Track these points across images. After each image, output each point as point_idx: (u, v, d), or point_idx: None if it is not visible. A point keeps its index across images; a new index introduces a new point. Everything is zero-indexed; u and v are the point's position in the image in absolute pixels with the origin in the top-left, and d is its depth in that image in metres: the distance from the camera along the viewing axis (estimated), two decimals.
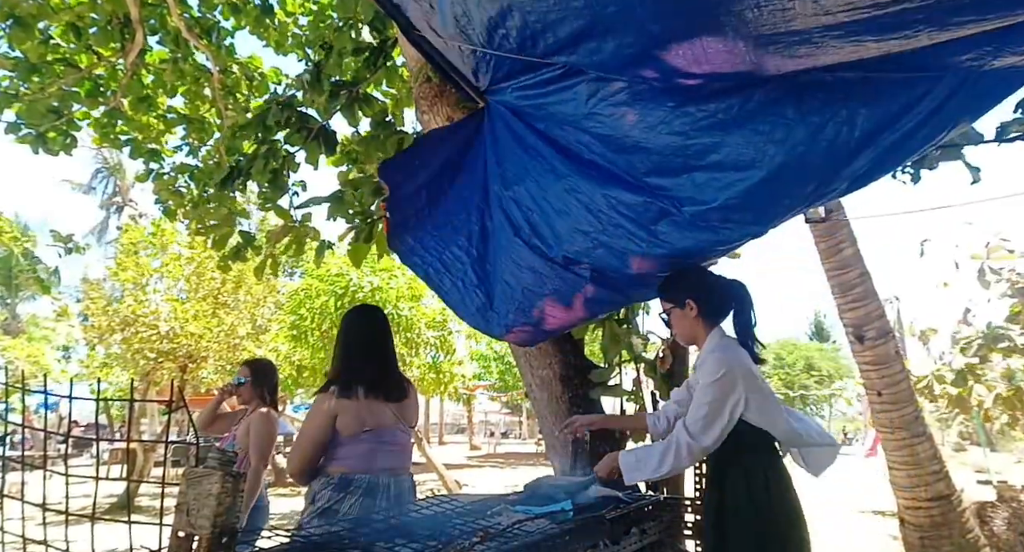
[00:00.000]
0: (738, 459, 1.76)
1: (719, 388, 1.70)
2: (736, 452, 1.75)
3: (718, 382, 1.70)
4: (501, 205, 2.05)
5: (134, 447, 9.19)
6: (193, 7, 4.22)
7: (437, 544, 1.19)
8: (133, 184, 28.31)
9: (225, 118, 4.38)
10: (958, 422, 15.02)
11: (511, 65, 1.66)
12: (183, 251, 10.29)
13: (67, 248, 5.46)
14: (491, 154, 2.08)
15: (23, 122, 4.05)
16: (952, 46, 1.11)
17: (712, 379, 1.71)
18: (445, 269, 2.30)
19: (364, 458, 2.15)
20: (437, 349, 11.44)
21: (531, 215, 1.95)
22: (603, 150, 1.65)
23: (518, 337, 2.37)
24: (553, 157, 1.79)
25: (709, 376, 1.73)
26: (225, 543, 0.90)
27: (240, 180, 3.72)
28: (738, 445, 1.73)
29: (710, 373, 1.73)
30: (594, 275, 1.96)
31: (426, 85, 2.55)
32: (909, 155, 1.41)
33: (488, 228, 2.18)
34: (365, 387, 2.21)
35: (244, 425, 3.04)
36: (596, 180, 1.71)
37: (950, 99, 1.25)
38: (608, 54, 1.32)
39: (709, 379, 1.72)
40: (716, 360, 1.75)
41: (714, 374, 1.71)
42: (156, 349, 9.83)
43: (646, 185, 1.63)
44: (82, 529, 1.30)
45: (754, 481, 1.73)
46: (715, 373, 1.71)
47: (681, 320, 1.89)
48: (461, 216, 2.23)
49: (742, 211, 1.54)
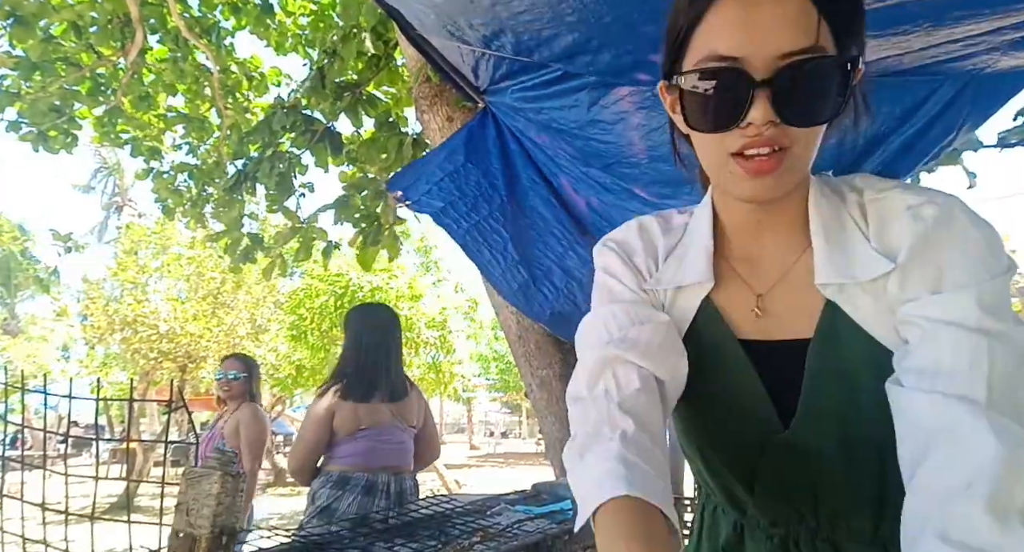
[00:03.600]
0: None
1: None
2: None
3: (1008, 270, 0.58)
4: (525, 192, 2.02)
5: (134, 447, 9.19)
6: (193, 7, 4.22)
7: (437, 544, 1.19)
8: (133, 184, 28.35)
9: (225, 117, 4.37)
10: None
11: (510, 65, 1.66)
12: (183, 251, 10.29)
13: (66, 247, 5.45)
14: (496, 160, 2.06)
15: (24, 120, 4.06)
16: (956, 49, 1.11)
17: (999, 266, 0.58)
18: (483, 239, 2.12)
19: (362, 456, 2.16)
20: (437, 349, 11.44)
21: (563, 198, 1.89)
22: (604, 157, 1.65)
23: (556, 323, 2.26)
24: (547, 161, 1.79)
25: (991, 260, 0.57)
26: (225, 543, 0.90)
27: (248, 184, 3.74)
28: None
29: (983, 249, 0.58)
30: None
31: (426, 85, 2.55)
32: (920, 158, 1.40)
33: (522, 207, 2.08)
34: (363, 386, 2.21)
35: (233, 423, 2.93)
36: (597, 190, 1.71)
37: (954, 102, 1.25)
38: (605, 63, 1.33)
39: (994, 268, 0.57)
40: (963, 215, 0.60)
41: (997, 253, 0.58)
42: (156, 349, 9.84)
43: (652, 195, 1.63)
44: (82, 529, 1.30)
45: None
46: (996, 251, 0.58)
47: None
48: (490, 192, 2.09)
49: None
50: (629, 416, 0.59)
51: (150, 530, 1.14)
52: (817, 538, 0.67)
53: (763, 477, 0.69)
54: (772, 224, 0.69)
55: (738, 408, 0.69)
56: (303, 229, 3.63)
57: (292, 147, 3.59)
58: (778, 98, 0.54)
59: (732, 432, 0.70)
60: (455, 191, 2.06)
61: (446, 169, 2.07)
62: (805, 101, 0.55)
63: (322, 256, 3.78)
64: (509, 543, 1.20)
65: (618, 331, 0.68)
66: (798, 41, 0.53)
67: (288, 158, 3.57)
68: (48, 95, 3.98)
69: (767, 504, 0.70)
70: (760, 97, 0.54)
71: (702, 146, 0.64)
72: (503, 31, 1.34)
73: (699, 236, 0.73)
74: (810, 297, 0.65)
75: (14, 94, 3.98)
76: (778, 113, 0.55)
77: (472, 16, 1.34)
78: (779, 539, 0.69)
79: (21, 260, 20.19)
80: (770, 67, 0.54)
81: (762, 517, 0.70)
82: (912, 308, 0.58)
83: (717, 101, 0.57)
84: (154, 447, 9.26)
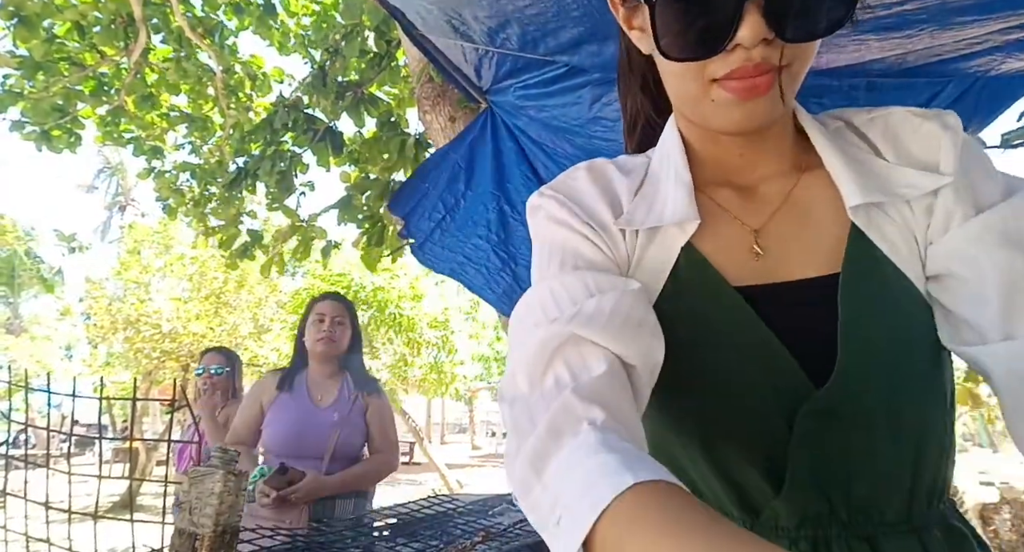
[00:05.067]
0: None
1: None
2: None
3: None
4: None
5: (137, 446, 9.21)
6: (196, 7, 4.23)
7: (439, 544, 1.19)
8: (136, 183, 28.43)
9: (227, 117, 4.39)
10: (961, 423, 14.99)
11: (513, 63, 1.66)
12: (187, 250, 10.32)
13: (70, 247, 5.47)
14: (492, 156, 2.07)
15: (28, 120, 4.07)
16: (961, 47, 1.10)
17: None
18: (468, 260, 2.23)
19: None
20: (439, 349, 11.45)
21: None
22: (606, 154, 1.64)
23: None
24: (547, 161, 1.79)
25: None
26: (227, 542, 0.90)
27: (248, 182, 3.75)
28: None
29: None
30: None
31: (428, 85, 2.55)
32: None
33: (506, 211, 2.14)
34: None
35: (223, 420, 2.79)
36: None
37: (958, 103, 1.25)
38: (610, 57, 1.32)
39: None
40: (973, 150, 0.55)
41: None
42: (159, 348, 9.86)
43: None
44: (85, 527, 1.30)
45: None
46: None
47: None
48: (479, 208, 2.18)
49: None
50: (595, 405, 0.42)
51: (153, 529, 1.14)
52: (850, 535, 0.51)
53: (795, 461, 0.51)
54: (757, 155, 0.58)
55: (748, 375, 0.52)
56: (302, 228, 3.63)
57: (293, 146, 3.60)
58: (772, 9, 0.44)
59: (745, 410, 0.53)
60: (455, 230, 2.15)
61: (439, 186, 2.13)
62: (804, 9, 0.45)
63: (321, 255, 3.78)
64: (511, 543, 1.20)
65: (570, 305, 0.50)
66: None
67: (289, 157, 3.58)
68: (51, 95, 4.00)
69: (795, 498, 0.52)
70: (751, 10, 0.44)
71: (674, 75, 0.52)
72: (508, 24, 1.34)
73: (671, 169, 0.58)
74: (824, 227, 0.55)
75: (17, 94, 4.00)
76: (772, 27, 0.45)
77: (477, 9, 1.34)
78: (808, 543, 0.51)
79: (25, 260, 20.26)
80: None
81: (785, 518, 0.52)
82: (961, 234, 0.50)
83: (697, 18, 0.45)
84: (157, 446, 9.28)
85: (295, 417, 2.00)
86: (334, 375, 2.14)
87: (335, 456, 1.97)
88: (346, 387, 2.12)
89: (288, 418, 1.99)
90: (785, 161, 0.58)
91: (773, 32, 0.45)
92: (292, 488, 1.77)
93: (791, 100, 0.51)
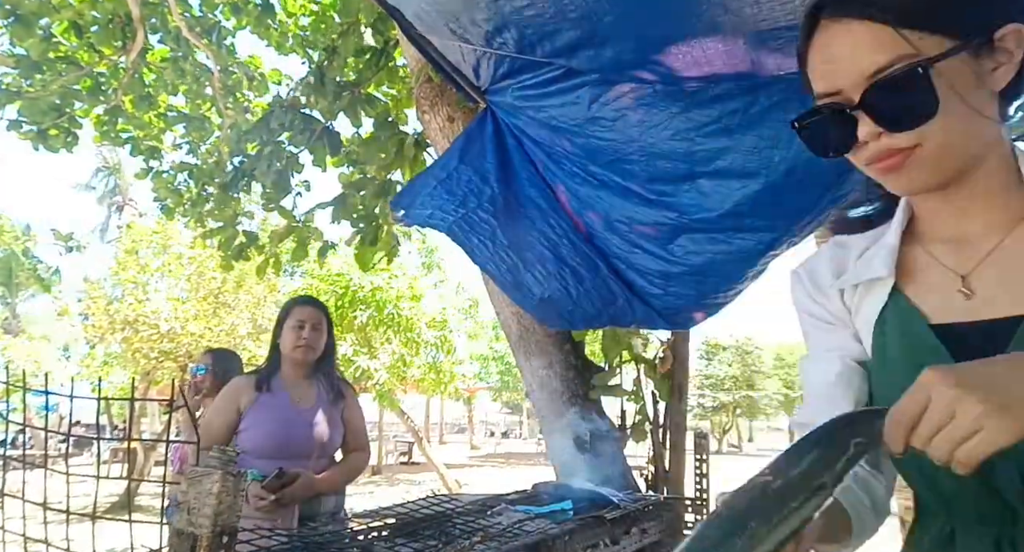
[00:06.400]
0: None
1: None
2: None
3: None
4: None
5: (135, 446, 9.20)
6: (194, 7, 4.23)
7: (438, 544, 1.19)
8: (133, 183, 28.35)
9: (225, 117, 4.38)
10: None
11: (511, 63, 1.66)
12: (184, 250, 10.30)
13: (68, 247, 5.46)
14: (491, 156, 2.06)
15: (25, 119, 4.06)
16: None
17: None
18: (470, 227, 2.12)
19: None
20: (437, 349, 11.44)
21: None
22: (604, 154, 1.65)
23: (542, 309, 2.25)
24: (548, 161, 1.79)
25: None
26: (226, 542, 0.90)
27: (244, 182, 3.74)
28: None
29: None
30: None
31: (427, 85, 2.55)
32: None
33: (512, 207, 2.07)
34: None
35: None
36: (607, 189, 1.71)
37: None
38: (607, 59, 1.33)
39: None
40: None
41: None
42: (157, 348, 9.84)
43: (650, 192, 1.63)
44: (83, 528, 1.30)
45: None
46: None
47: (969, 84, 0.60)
48: (480, 186, 2.06)
49: (751, 218, 1.53)
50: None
51: (151, 529, 1.14)
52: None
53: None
54: (973, 205, 0.68)
55: None
56: (298, 228, 3.63)
57: (290, 146, 3.59)
58: (874, 113, 0.61)
59: None
60: (444, 194, 2.07)
61: (439, 177, 2.08)
62: (898, 109, 0.60)
63: (318, 256, 3.78)
64: (510, 543, 1.20)
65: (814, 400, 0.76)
66: (876, 61, 0.59)
67: (286, 156, 3.58)
68: (48, 94, 3.99)
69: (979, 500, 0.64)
70: (862, 117, 0.62)
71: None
72: (506, 27, 1.34)
73: (889, 233, 0.74)
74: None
75: (14, 93, 3.99)
76: (880, 125, 0.61)
77: (475, 12, 1.34)
78: (991, 540, 0.63)
79: (23, 260, 20.22)
80: (860, 90, 0.61)
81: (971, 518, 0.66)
82: None
83: (829, 129, 0.66)
84: (155, 446, 9.26)
85: (280, 418, 2.02)
86: (308, 376, 2.17)
87: (320, 454, 2.05)
88: (321, 388, 2.16)
89: (272, 419, 2.02)
90: (997, 209, 0.67)
91: (881, 128, 0.61)
92: (289, 489, 1.80)
93: (940, 170, 0.63)
